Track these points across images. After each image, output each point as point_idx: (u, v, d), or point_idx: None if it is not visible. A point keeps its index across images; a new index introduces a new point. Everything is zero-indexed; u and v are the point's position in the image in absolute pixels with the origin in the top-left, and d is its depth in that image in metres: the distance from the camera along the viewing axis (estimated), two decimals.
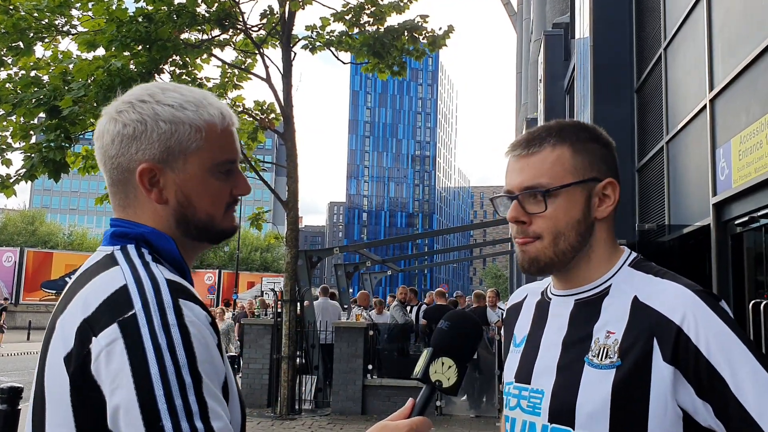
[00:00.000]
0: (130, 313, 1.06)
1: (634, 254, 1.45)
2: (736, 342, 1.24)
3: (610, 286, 1.40)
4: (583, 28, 12.01)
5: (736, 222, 6.64)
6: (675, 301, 1.29)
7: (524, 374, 1.45)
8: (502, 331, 1.67)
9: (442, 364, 1.34)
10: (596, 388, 1.30)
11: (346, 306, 14.54)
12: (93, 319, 1.08)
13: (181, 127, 1.22)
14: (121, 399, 1.01)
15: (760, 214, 6.09)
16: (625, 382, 1.27)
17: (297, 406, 11.10)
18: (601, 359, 1.31)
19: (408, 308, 13.51)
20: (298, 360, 11.25)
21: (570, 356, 1.37)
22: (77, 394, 1.06)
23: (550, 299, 1.50)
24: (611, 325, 1.34)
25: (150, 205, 1.23)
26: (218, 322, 14.62)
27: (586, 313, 1.39)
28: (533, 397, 1.40)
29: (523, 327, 1.55)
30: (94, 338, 1.05)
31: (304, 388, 11.47)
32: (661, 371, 1.26)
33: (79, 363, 1.06)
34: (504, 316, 1.69)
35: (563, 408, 1.33)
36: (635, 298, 1.34)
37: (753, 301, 6.09)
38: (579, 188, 1.39)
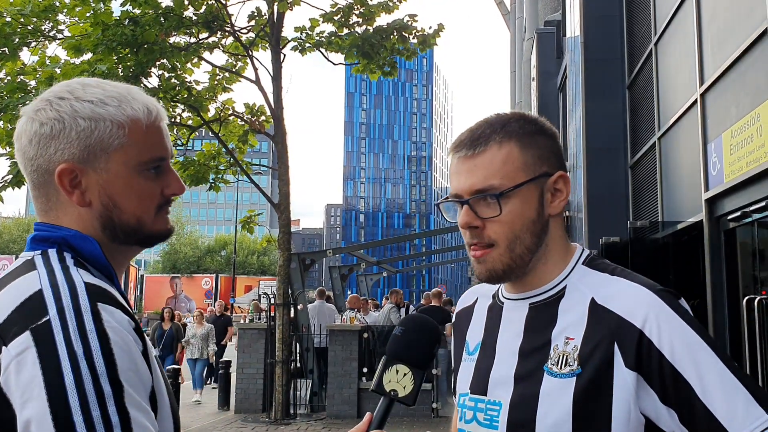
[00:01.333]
0: (44, 319, 0.99)
1: (587, 251, 1.38)
2: (700, 344, 1.18)
3: (565, 287, 1.32)
4: (573, 25, 11.96)
5: (729, 217, 6.58)
6: (635, 303, 1.21)
7: (480, 385, 1.36)
8: (452, 337, 1.56)
9: (397, 372, 1.27)
10: (557, 398, 1.22)
11: (341, 308, 14.47)
12: (4, 327, 1.00)
13: (101, 123, 1.14)
14: (33, 412, 0.94)
15: (752, 209, 6.03)
16: (587, 391, 1.20)
17: (292, 411, 11.03)
18: (561, 367, 1.24)
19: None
20: (292, 364, 11.19)
21: (528, 365, 1.29)
22: None
23: (503, 303, 1.41)
24: (569, 331, 1.26)
25: (73, 209, 1.16)
26: (197, 326, 13.74)
27: (543, 317, 1.31)
28: (490, 410, 1.32)
29: (475, 333, 1.46)
30: (4, 348, 0.98)
31: (299, 393, 11.40)
32: (624, 377, 1.19)
33: None
34: (453, 320, 1.60)
35: (523, 420, 1.25)
36: (593, 301, 1.26)
37: (747, 297, 6.02)
38: (532, 186, 1.31)
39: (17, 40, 9.64)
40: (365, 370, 11.17)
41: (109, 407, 0.95)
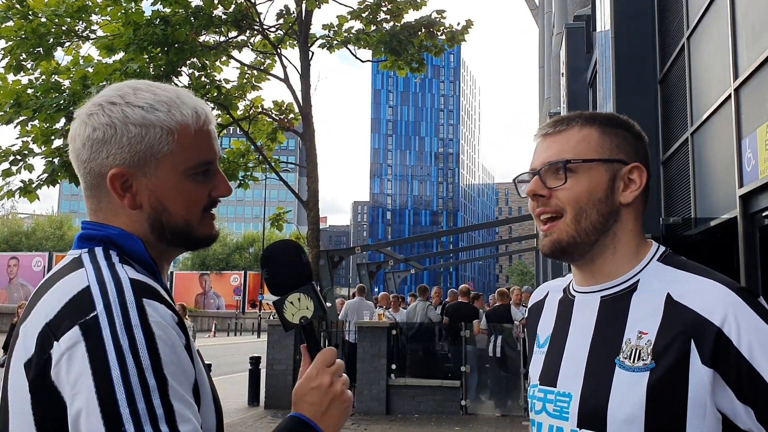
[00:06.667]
0: (92, 314, 1.02)
1: (663, 248, 1.38)
2: None
3: (638, 281, 1.33)
4: (604, 19, 11.83)
5: (764, 214, 6.47)
6: (713, 300, 1.21)
7: (550, 376, 1.39)
8: (525, 330, 1.57)
9: (291, 303, 1.28)
10: (630, 392, 1.23)
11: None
12: (55, 322, 1.04)
13: (152, 130, 1.17)
14: (82, 404, 0.97)
15: None
16: (661, 385, 1.21)
17: None
18: (634, 361, 1.25)
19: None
20: None
21: (599, 358, 1.30)
22: (37, 401, 1.02)
23: (574, 296, 1.43)
24: (642, 325, 1.27)
25: (123, 211, 1.19)
26: None
27: (614, 311, 1.33)
28: (560, 401, 1.34)
29: (546, 326, 1.49)
30: (55, 342, 1.02)
31: None
32: (699, 374, 1.19)
33: (39, 368, 1.02)
34: (526, 315, 1.64)
35: (594, 412, 1.26)
36: (668, 296, 1.27)
37: None
38: (603, 167, 1.34)
39: (51, 40, 9.80)
40: (394, 366, 11.19)
41: (154, 400, 0.98)
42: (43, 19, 9.65)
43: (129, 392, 0.97)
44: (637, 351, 1.25)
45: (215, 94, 11.11)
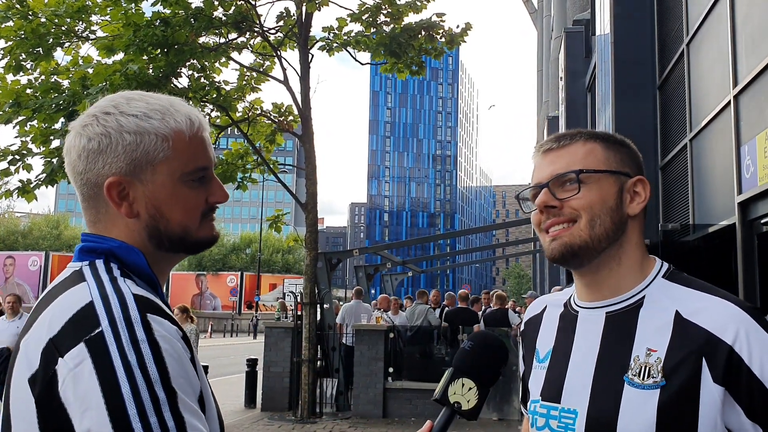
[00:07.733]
0: (97, 331, 1.02)
1: (666, 264, 1.39)
2: None
3: (643, 297, 1.33)
4: (603, 24, 11.85)
5: (762, 221, 6.48)
6: (724, 319, 1.23)
7: (553, 392, 1.38)
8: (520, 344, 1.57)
9: (462, 385, 1.29)
10: (640, 409, 1.24)
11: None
12: (58, 338, 1.03)
13: (146, 137, 1.17)
14: (92, 422, 0.97)
15: None
16: (672, 403, 1.22)
17: (318, 410, 11.07)
18: (643, 378, 1.25)
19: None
20: (318, 363, 11.23)
21: (607, 374, 1.30)
22: (44, 418, 1.02)
23: (577, 312, 1.42)
24: (651, 342, 1.27)
25: (121, 220, 1.19)
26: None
27: (621, 327, 1.33)
28: (565, 417, 1.33)
29: (546, 341, 1.47)
30: (60, 359, 1.01)
31: (325, 391, 11.43)
32: (711, 392, 1.20)
33: (44, 385, 1.01)
34: (521, 329, 1.62)
35: (602, 429, 1.27)
36: (677, 314, 1.27)
37: None
38: (612, 179, 1.35)
39: (51, 40, 9.77)
40: (391, 369, 11.18)
41: (165, 413, 0.99)
42: (43, 19, 9.63)
43: (140, 407, 0.97)
44: (647, 368, 1.25)
45: (214, 95, 11.09)
